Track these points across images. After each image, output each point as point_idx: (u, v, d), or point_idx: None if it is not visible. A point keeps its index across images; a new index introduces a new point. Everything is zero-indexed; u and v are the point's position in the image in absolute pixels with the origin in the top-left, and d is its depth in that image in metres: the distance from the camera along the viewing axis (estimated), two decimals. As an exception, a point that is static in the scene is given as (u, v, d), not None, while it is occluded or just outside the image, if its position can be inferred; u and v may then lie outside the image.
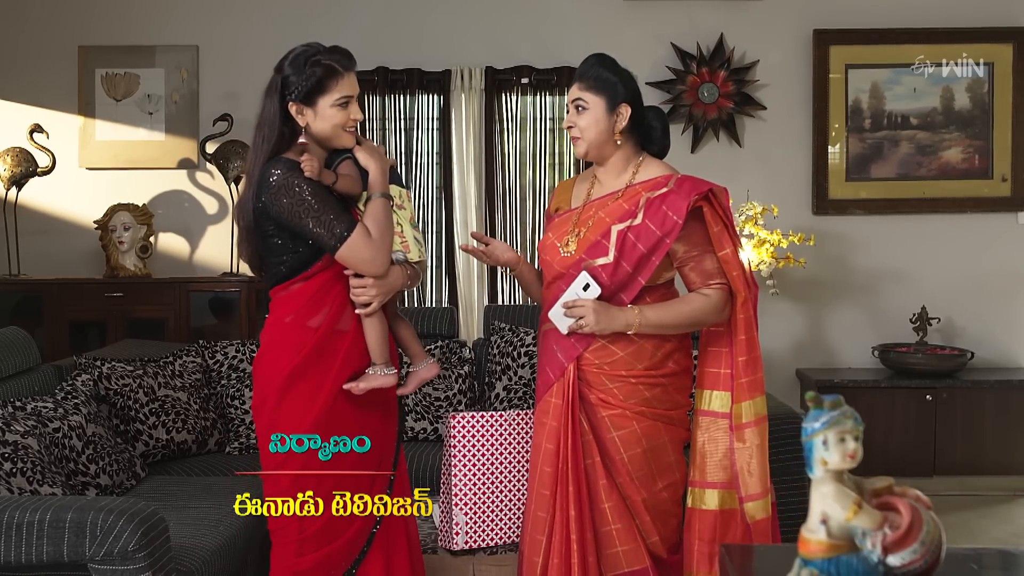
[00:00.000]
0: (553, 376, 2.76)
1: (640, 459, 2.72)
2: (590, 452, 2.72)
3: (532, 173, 5.59)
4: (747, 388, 2.74)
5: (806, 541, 1.48)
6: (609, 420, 2.73)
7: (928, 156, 5.56)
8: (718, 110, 5.51)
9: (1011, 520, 4.79)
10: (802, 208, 5.55)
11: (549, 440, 2.74)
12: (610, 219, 2.74)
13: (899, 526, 1.47)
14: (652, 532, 2.75)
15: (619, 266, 2.68)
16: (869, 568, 1.46)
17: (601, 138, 2.76)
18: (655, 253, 2.67)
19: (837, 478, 1.47)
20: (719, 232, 2.69)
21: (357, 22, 5.50)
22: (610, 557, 2.71)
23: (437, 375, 2.96)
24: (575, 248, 2.76)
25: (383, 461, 2.79)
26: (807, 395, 1.47)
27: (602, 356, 2.73)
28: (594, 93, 2.74)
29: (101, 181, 5.57)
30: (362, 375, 2.70)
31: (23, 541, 2.50)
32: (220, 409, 4.31)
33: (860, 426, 1.47)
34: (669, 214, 2.65)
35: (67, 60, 5.56)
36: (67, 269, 5.49)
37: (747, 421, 2.73)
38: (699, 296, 2.73)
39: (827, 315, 5.61)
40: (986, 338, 5.56)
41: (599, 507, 2.71)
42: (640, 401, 2.72)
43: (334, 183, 2.65)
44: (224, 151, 5.25)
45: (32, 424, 3.23)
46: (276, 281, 2.71)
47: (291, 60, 2.65)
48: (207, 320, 5.36)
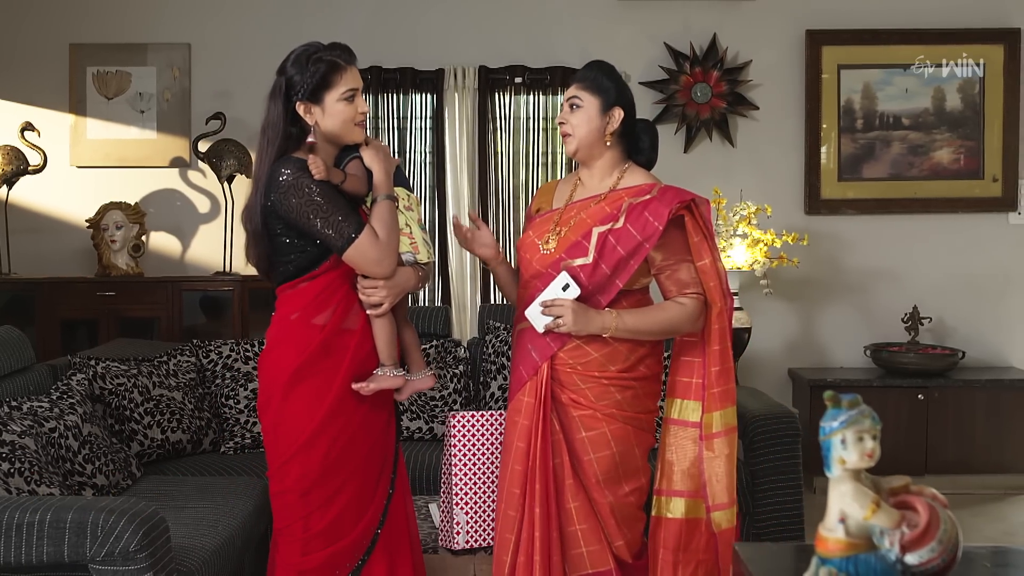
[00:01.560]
0: (526, 375, 2.78)
1: (608, 461, 2.74)
2: (559, 451, 2.74)
3: (525, 172, 5.58)
4: (719, 398, 2.76)
5: (824, 540, 1.49)
6: (580, 420, 2.75)
7: (920, 156, 5.59)
8: (711, 110, 5.52)
9: (1003, 518, 4.82)
10: (794, 208, 5.56)
11: (520, 439, 2.76)
12: (592, 221, 2.76)
13: (917, 525, 1.48)
14: (617, 536, 2.76)
15: (598, 267, 2.71)
16: (887, 566, 1.47)
17: (592, 137, 2.80)
18: (634, 257, 2.70)
19: (855, 477, 1.47)
20: (699, 242, 2.73)
21: (350, 21, 5.49)
22: (575, 557, 2.73)
23: (432, 387, 2.96)
24: (555, 246, 2.79)
25: (386, 461, 2.79)
26: (825, 394, 1.48)
27: (576, 356, 2.74)
28: (590, 92, 2.79)
29: (92, 180, 5.54)
30: (371, 376, 2.71)
31: (23, 542, 2.49)
32: (215, 409, 4.29)
33: (877, 425, 1.48)
34: (650, 220, 2.68)
35: (58, 58, 5.53)
36: (58, 268, 5.45)
37: (717, 431, 2.76)
38: (675, 304, 2.75)
39: (819, 314, 5.63)
40: (977, 338, 5.59)
41: (565, 507, 2.73)
42: (611, 403, 2.74)
43: (343, 182, 2.65)
44: (217, 150, 5.22)
45: (29, 424, 3.21)
46: (283, 279, 2.71)
47: (293, 60, 2.65)
48: (199, 319, 5.34)
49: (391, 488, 2.79)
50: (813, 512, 4.32)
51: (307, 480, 2.67)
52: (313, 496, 2.68)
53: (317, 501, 2.68)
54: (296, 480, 2.67)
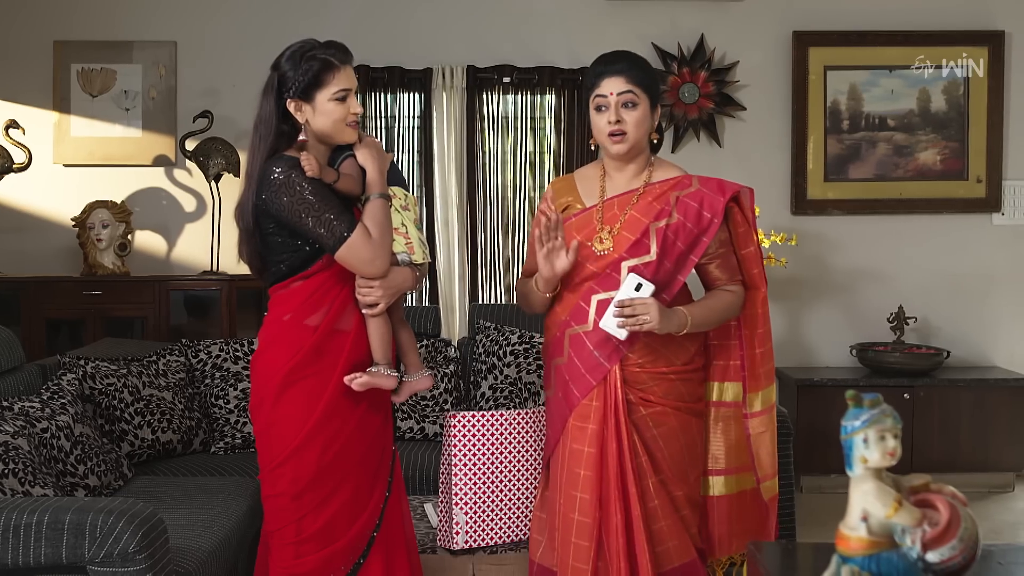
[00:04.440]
0: (593, 380, 2.70)
1: (680, 454, 2.74)
2: (637, 452, 2.70)
3: (513, 172, 5.58)
4: (764, 377, 2.81)
5: (846, 538, 1.49)
6: (650, 418, 2.71)
7: (905, 157, 5.63)
8: (698, 110, 5.54)
9: (988, 517, 4.86)
10: (781, 208, 5.59)
11: (591, 444, 2.68)
12: (646, 218, 2.71)
13: (937, 523, 1.49)
14: (692, 524, 2.78)
15: (662, 264, 2.67)
16: (909, 564, 1.48)
17: (642, 138, 2.75)
18: (693, 251, 2.69)
19: (877, 476, 1.48)
20: (745, 231, 2.76)
21: (338, 19, 5.46)
22: (660, 554, 2.70)
23: (430, 388, 2.93)
24: (612, 246, 2.72)
25: (382, 464, 2.78)
26: (847, 394, 1.48)
27: (645, 355, 2.70)
28: (643, 91, 2.72)
29: (76, 178, 5.49)
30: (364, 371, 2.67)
31: (20, 543, 2.46)
32: (204, 409, 4.27)
33: (899, 424, 1.48)
34: (705, 213, 2.68)
35: (42, 55, 5.47)
36: (42, 267, 5.40)
37: (761, 409, 2.81)
38: (727, 293, 2.77)
39: (805, 314, 5.66)
40: (961, 337, 5.64)
41: (649, 505, 2.70)
42: (676, 396, 2.74)
43: (335, 181, 2.62)
44: (204, 148, 5.19)
45: (21, 424, 3.18)
46: (276, 279, 2.68)
47: (287, 57, 2.63)
48: (186, 319, 5.30)
49: (387, 491, 2.77)
50: (802, 511, 4.37)
51: (300, 483, 2.63)
52: (306, 499, 2.64)
53: (310, 504, 2.65)
54: (289, 483, 2.64)
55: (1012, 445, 5.25)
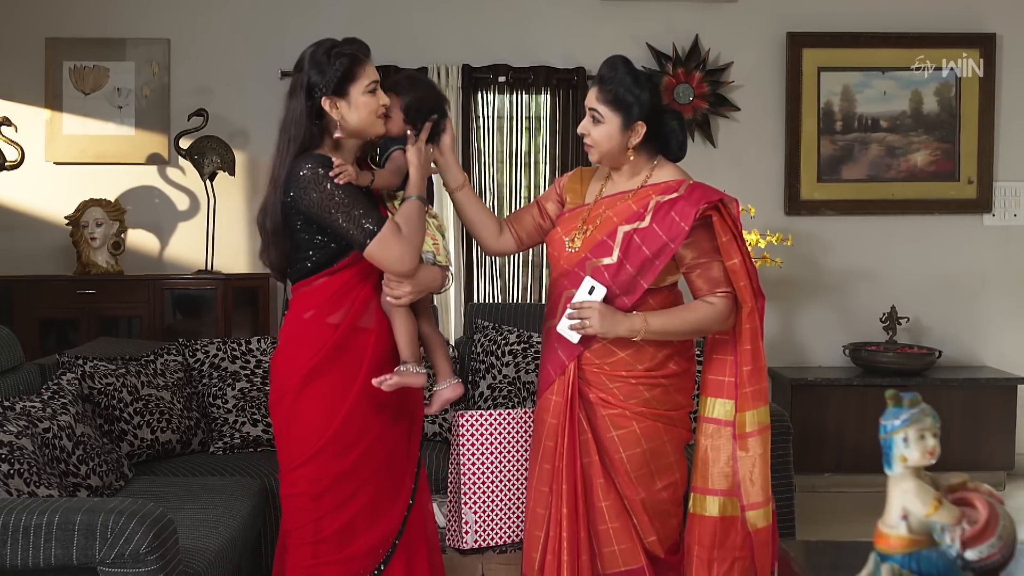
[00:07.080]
0: (554, 373, 2.76)
1: (639, 459, 2.72)
2: (588, 451, 2.72)
3: (509, 171, 5.58)
4: (751, 397, 2.73)
5: (885, 536, 1.50)
6: (609, 419, 2.73)
7: (897, 158, 5.66)
8: (693, 111, 5.55)
9: (981, 515, 4.89)
10: (774, 208, 5.61)
11: (549, 438, 2.75)
12: (618, 219, 2.72)
13: (976, 521, 1.50)
14: (650, 531, 2.75)
15: (622, 267, 2.67)
16: (948, 562, 1.49)
17: (614, 151, 2.75)
18: (659, 257, 2.65)
19: (916, 474, 1.49)
20: (728, 242, 2.67)
21: (333, 17, 5.44)
22: (607, 555, 2.72)
23: (461, 396, 2.90)
24: (580, 245, 2.76)
25: (408, 470, 2.77)
26: (887, 393, 1.49)
27: (603, 356, 2.72)
28: (611, 109, 2.69)
29: (68, 176, 5.45)
30: (393, 371, 2.65)
31: (31, 544, 2.45)
32: (203, 408, 4.24)
33: (938, 423, 1.49)
34: (676, 220, 2.63)
35: (34, 52, 5.43)
36: (35, 265, 5.36)
37: (751, 430, 2.73)
38: (704, 304, 2.72)
39: (799, 314, 5.68)
40: (952, 337, 5.68)
41: (596, 505, 2.72)
42: (640, 401, 2.72)
43: (371, 183, 2.62)
44: (199, 147, 5.15)
45: (24, 424, 3.15)
46: (300, 276, 2.67)
47: (310, 57, 2.62)
48: (180, 318, 5.27)
49: (411, 499, 2.76)
50: (800, 510, 4.38)
51: (321, 484, 2.62)
52: (326, 500, 2.63)
53: (330, 505, 2.64)
54: (309, 483, 2.63)
55: (1002, 444, 5.30)
